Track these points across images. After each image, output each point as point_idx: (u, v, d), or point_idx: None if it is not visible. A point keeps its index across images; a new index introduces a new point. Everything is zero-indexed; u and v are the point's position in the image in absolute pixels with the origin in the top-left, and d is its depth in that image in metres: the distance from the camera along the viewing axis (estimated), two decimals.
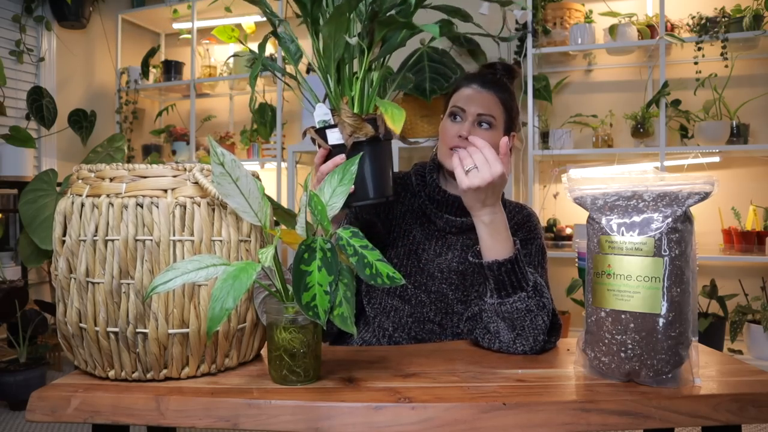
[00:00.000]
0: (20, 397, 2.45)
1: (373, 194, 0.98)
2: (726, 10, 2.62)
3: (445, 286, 1.18)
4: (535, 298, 0.98)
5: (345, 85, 0.99)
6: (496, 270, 0.97)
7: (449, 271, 1.18)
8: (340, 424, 0.74)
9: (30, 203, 2.48)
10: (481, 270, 1.01)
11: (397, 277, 0.77)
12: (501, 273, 0.97)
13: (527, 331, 0.98)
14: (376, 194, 0.98)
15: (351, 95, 0.98)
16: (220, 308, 0.71)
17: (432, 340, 1.18)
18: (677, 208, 0.78)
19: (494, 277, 0.98)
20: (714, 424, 0.75)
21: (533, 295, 0.98)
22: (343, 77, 0.99)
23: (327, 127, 0.99)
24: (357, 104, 0.97)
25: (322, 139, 1.00)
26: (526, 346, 0.99)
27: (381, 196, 0.99)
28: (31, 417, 0.78)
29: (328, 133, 0.99)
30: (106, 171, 0.84)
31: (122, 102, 3.63)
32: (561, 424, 0.74)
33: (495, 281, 0.98)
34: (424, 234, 1.22)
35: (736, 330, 2.52)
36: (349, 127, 0.95)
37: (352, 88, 0.98)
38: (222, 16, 3.49)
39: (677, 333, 0.77)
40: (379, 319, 1.19)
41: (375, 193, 0.98)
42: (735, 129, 2.63)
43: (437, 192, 1.20)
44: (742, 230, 2.65)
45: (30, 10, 3.14)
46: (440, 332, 1.18)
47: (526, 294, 0.98)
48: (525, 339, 0.99)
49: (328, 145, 1.00)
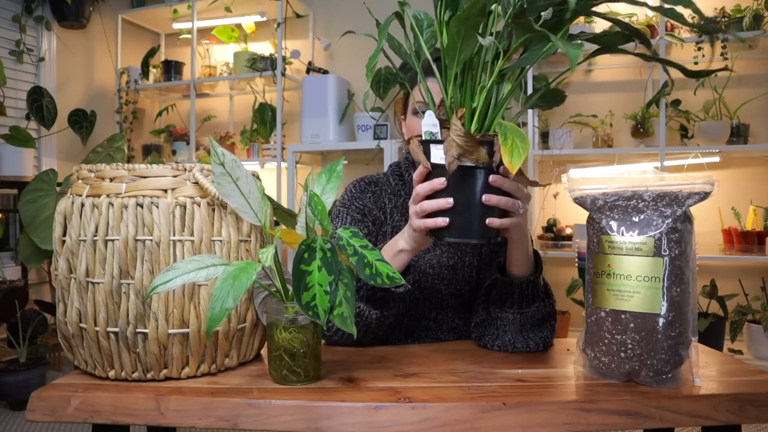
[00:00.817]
0: (20, 397, 2.45)
1: (478, 235, 0.83)
2: (726, 10, 2.62)
3: (437, 281, 1.18)
4: (549, 307, 1.04)
5: (466, 95, 0.82)
6: (524, 287, 1.01)
7: (440, 266, 1.18)
8: (340, 424, 0.74)
9: (30, 203, 2.48)
10: (506, 287, 1.03)
11: (397, 277, 0.77)
12: (527, 288, 1.01)
13: (538, 333, 1.03)
14: (480, 235, 0.83)
15: (472, 106, 0.81)
16: (220, 308, 0.71)
17: (428, 336, 1.19)
18: (677, 208, 0.78)
19: (520, 292, 1.01)
20: (714, 424, 0.75)
21: (548, 304, 1.04)
22: (466, 84, 0.81)
23: (433, 141, 0.83)
24: (477, 120, 0.81)
25: (424, 155, 0.85)
26: (539, 345, 1.03)
27: (484, 237, 0.83)
28: (31, 417, 0.78)
29: (432, 148, 0.83)
30: (106, 171, 0.84)
31: (122, 102, 3.63)
32: (561, 424, 0.74)
33: (519, 296, 1.02)
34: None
35: (736, 330, 2.52)
36: (456, 149, 0.79)
37: (474, 99, 0.81)
38: (222, 16, 3.49)
39: (677, 333, 0.77)
40: None
41: (480, 234, 0.83)
42: (735, 129, 2.63)
43: None
44: (742, 230, 2.65)
45: (30, 10, 3.14)
46: (435, 328, 1.19)
47: (543, 303, 1.03)
48: (536, 339, 1.02)
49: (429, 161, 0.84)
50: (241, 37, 3.56)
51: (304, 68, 3.41)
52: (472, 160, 0.79)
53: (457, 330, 1.19)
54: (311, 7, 3.52)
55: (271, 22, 3.44)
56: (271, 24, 3.45)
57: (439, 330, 1.19)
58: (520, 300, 1.02)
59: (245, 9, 3.43)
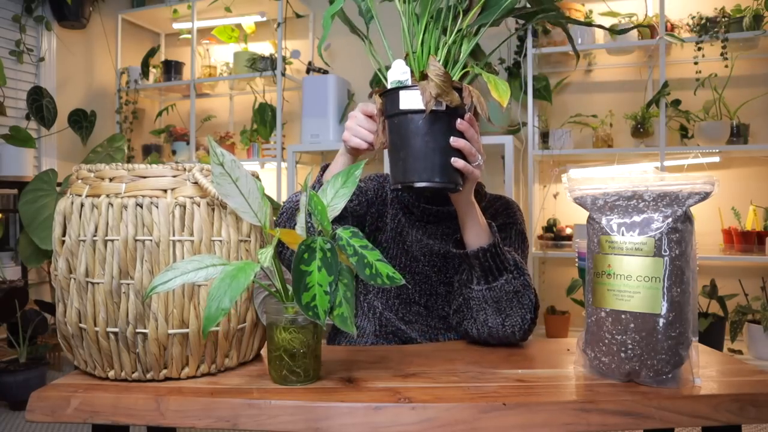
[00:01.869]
0: (20, 397, 2.45)
1: (443, 177, 0.85)
2: (726, 10, 2.62)
3: (428, 268, 1.20)
4: (520, 278, 1.03)
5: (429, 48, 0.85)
6: (481, 257, 1.01)
7: (431, 254, 1.20)
8: (340, 424, 0.74)
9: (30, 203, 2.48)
10: (465, 259, 1.04)
11: (397, 278, 0.77)
12: (486, 258, 1.01)
13: (515, 311, 1.02)
14: (445, 178, 0.85)
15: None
16: (216, 308, 0.71)
17: (419, 322, 1.20)
18: (677, 208, 0.78)
19: (480, 264, 1.01)
20: (714, 424, 0.75)
21: (518, 276, 1.03)
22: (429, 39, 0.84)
23: (402, 87, 0.84)
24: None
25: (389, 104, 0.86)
26: (516, 326, 1.02)
27: (450, 181, 0.86)
28: (31, 417, 0.78)
29: (402, 95, 0.83)
30: (106, 171, 0.84)
31: (122, 102, 3.63)
32: (561, 424, 0.74)
33: (481, 268, 1.02)
34: (407, 221, 1.24)
35: (736, 330, 2.52)
36: (435, 88, 0.80)
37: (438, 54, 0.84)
38: (222, 16, 3.49)
39: (677, 333, 0.77)
40: (370, 298, 1.22)
41: (445, 177, 0.85)
42: (735, 129, 2.63)
43: None
44: (742, 230, 2.65)
45: (30, 10, 3.14)
46: (426, 314, 1.20)
47: (512, 275, 1.02)
48: (513, 319, 1.02)
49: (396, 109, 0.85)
50: (241, 37, 3.56)
51: (304, 68, 3.41)
52: (447, 100, 0.81)
53: (447, 319, 1.21)
54: (311, 7, 3.52)
55: (271, 22, 3.44)
56: (271, 24, 3.45)
57: (430, 317, 1.20)
58: (484, 273, 1.02)
59: (245, 9, 3.43)
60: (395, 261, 1.21)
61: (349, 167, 0.88)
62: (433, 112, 0.82)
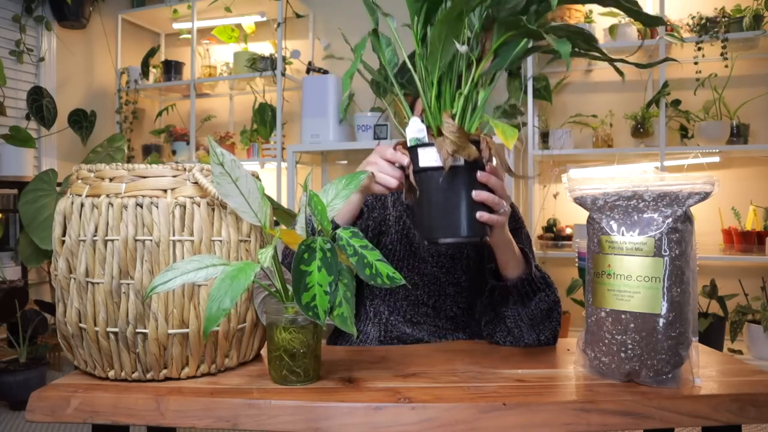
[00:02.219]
0: (20, 397, 2.45)
1: (468, 232, 0.83)
2: (726, 10, 2.62)
3: (436, 269, 1.20)
4: (552, 294, 1.06)
5: (445, 101, 0.85)
6: (519, 286, 1.03)
7: (439, 255, 1.20)
8: (340, 424, 0.74)
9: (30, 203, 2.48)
10: (503, 289, 1.05)
11: (397, 278, 0.77)
12: (524, 285, 1.03)
13: (547, 325, 1.05)
14: (471, 232, 0.83)
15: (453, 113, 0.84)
16: (217, 308, 0.71)
17: (427, 323, 1.20)
18: (677, 208, 0.78)
19: (517, 291, 1.03)
20: (714, 424, 0.75)
21: (549, 292, 1.05)
22: (445, 92, 0.84)
23: (420, 145, 0.85)
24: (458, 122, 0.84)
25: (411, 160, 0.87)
26: (549, 339, 1.06)
27: (476, 234, 0.84)
28: (31, 417, 0.78)
29: (421, 152, 0.84)
30: (106, 171, 0.84)
31: (122, 102, 3.63)
32: (561, 425, 0.74)
33: (518, 294, 1.04)
34: (413, 222, 1.24)
35: (736, 330, 2.52)
36: (451, 145, 0.80)
37: (453, 105, 0.84)
38: (222, 16, 3.49)
39: (677, 333, 0.77)
40: (376, 303, 1.21)
41: (470, 231, 0.83)
42: (735, 129, 2.63)
43: None
44: (742, 230, 2.64)
45: (30, 10, 3.13)
46: (434, 315, 1.20)
47: (545, 293, 1.05)
48: (546, 334, 1.05)
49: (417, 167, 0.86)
50: (241, 37, 3.56)
51: (304, 68, 3.41)
52: (464, 155, 0.81)
53: (455, 319, 1.20)
54: (311, 7, 3.52)
55: (271, 22, 3.44)
56: (271, 24, 3.45)
57: (438, 317, 1.20)
58: (521, 297, 1.04)
59: (245, 9, 3.43)
60: (403, 263, 1.20)
61: (355, 173, 0.89)
62: (452, 168, 0.81)
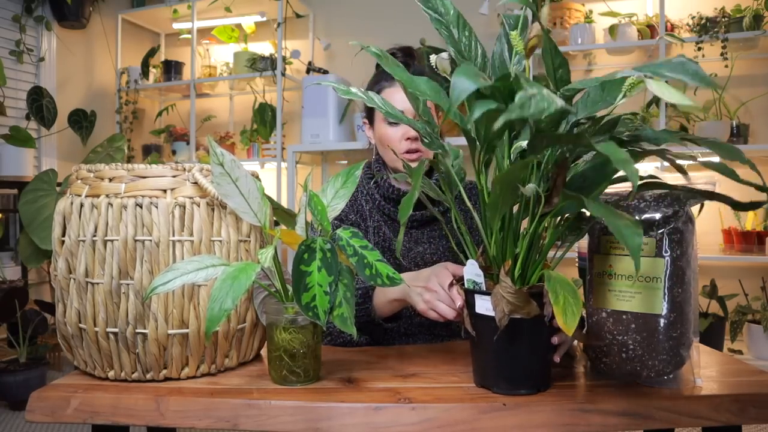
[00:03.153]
0: (20, 397, 2.45)
1: (529, 388, 0.79)
2: (726, 10, 2.62)
3: None
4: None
5: (508, 244, 0.77)
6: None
7: (423, 263, 1.20)
8: (340, 424, 0.74)
9: (30, 203, 2.48)
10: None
11: (397, 278, 0.77)
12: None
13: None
14: (532, 388, 0.79)
15: (515, 253, 0.78)
16: (219, 309, 0.71)
17: (422, 332, 1.20)
18: (678, 208, 0.78)
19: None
20: (714, 424, 0.75)
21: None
22: (507, 234, 0.77)
23: (478, 292, 0.79)
24: (519, 268, 0.77)
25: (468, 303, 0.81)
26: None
27: (532, 387, 0.80)
28: (31, 417, 0.78)
29: (477, 299, 0.79)
30: (106, 171, 0.84)
31: (122, 102, 3.63)
32: (561, 425, 0.74)
33: None
34: (391, 230, 1.24)
35: (736, 330, 2.52)
36: (507, 305, 0.74)
37: (517, 245, 0.77)
38: (222, 16, 3.48)
39: (678, 333, 0.77)
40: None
41: (531, 387, 0.79)
42: (735, 129, 2.63)
43: (391, 191, 1.24)
44: (742, 230, 2.64)
45: (30, 10, 3.13)
46: (429, 324, 1.19)
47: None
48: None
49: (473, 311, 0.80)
50: (241, 37, 3.56)
51: (304, 68, 3.40)
52: (523, 314, 0.75)
53: (449, 325, 1.20)
54: (311, 7, 3.51)
55: (271, 22, 3.44)
56: (271, 24, 3.44)
57: (432, 325, 1.20)
58: None
59: (245, 9, 3.43)
60: None
61: (349, 168, 0.89)
62: (513, 320, 0.75)
